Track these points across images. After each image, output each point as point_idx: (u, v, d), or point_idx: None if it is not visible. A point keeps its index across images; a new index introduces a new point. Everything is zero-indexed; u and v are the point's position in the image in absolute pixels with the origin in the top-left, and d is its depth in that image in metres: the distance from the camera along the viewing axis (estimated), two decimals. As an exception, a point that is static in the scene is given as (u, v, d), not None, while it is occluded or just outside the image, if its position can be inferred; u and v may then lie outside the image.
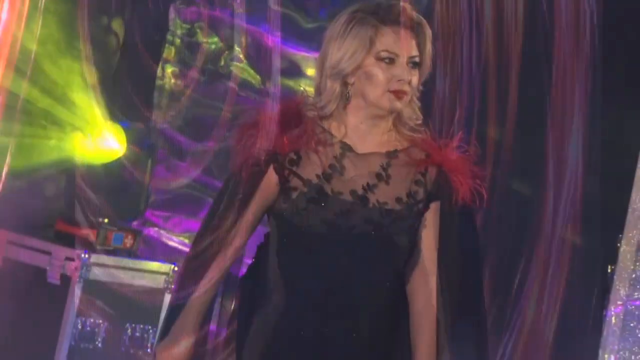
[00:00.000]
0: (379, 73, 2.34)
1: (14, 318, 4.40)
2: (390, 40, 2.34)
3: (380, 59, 2.34)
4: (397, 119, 2.42)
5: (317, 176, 2.36)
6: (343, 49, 2.34)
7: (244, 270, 2.62)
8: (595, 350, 3.74)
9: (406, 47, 2.37)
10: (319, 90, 2.41)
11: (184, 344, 2.37)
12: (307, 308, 2.38)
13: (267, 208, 2.40)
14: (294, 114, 2.40)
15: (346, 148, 2.41)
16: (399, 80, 2.33)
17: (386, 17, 2.35)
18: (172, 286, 4.58)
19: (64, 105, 4.64)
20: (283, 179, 2.37)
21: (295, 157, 2.38)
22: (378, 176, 2.39)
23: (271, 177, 2.37)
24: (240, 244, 2.40)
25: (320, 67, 2.41)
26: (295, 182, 2.37)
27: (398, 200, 2.37)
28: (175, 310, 2.41)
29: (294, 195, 2.36)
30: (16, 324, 4.41)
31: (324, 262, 2.37)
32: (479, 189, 2.36)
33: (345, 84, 2.38)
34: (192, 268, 2.42)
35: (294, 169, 2.38)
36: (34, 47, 4.28)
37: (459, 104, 4.10)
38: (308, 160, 2.40)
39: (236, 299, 2.57)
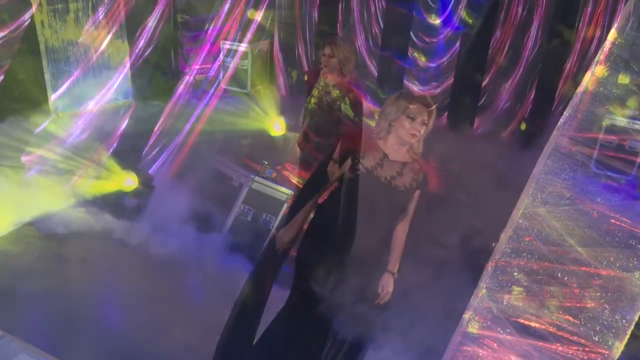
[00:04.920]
0: (407, 124, 3.15)
1: (213, 199, 5.66)
2: (415, 109, 3.15)
3: (408, 117, 3.15)
4: (410, 147, 3.26)
5: (372, 167, 3.16)
6: (392, 107, 3.17)
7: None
8: (477, 281, 3.60)
9: (422, 115, 3.18)
10: (377, 124, 3.23)
11: (295, 231, 3.09)
12: (349, 223, 3.17)
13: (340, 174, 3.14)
14: (368, 136, 3.23)
15: (385, 156, 3.20)
16: (415, 129, 3.14)
17: (416, 100, 3.21)
18: (289, 200, 5.61)
19: (268, 106, 6.34)
20: (354, 163, 3.16)
21: (364, 155, 3.16)
22: (398, 172, 3.19)
23: (349, 161, 3.19)
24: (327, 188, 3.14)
25: (381, 113, 3.26)
26: (361, 167, 3.17)
27: (404, 186, 3.23)
28: (292, 214, 3.11)
29: (359, 172, 3.17)
30: (211, 202, 5.63)
31: (363, 206, 3.17)
32: (439, 185, 3.16)
33: (390, 124, 3.20)
34: (305, 194, 3.16)
35: (362, 161, 3.16)
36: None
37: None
38: (369, 158, 3.16)
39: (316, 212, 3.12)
